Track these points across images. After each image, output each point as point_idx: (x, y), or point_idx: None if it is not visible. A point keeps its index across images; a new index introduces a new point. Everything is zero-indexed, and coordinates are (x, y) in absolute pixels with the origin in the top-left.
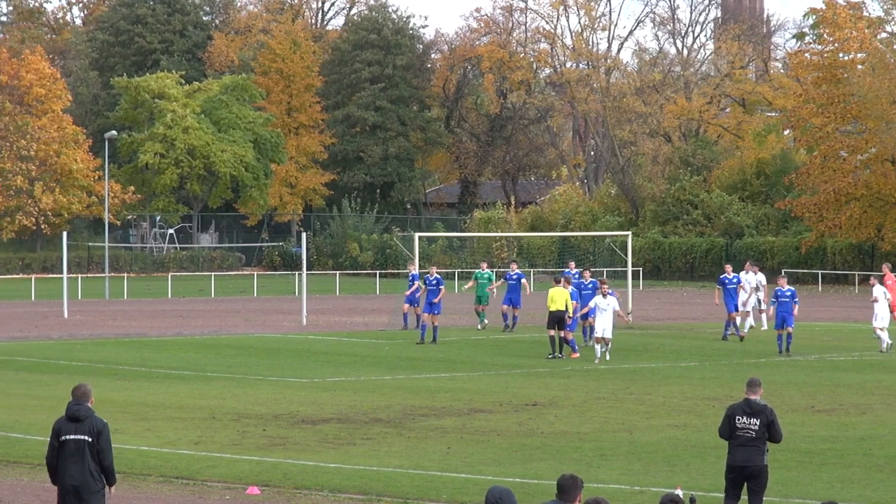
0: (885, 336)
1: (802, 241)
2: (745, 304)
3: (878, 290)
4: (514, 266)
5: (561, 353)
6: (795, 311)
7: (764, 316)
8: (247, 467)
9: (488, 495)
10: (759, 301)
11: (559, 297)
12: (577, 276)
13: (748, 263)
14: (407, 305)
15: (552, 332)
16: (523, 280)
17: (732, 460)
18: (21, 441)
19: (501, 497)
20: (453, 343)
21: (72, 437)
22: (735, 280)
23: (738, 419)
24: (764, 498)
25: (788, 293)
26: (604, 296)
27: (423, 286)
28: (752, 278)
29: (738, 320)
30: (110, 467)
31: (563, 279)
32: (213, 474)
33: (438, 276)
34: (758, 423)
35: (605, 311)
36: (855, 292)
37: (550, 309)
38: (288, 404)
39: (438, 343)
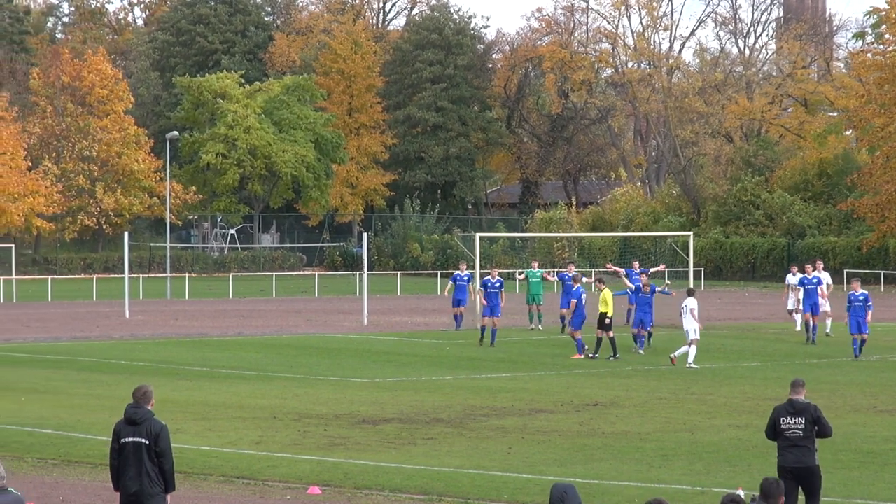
0: None
1: (864, 241)
2: (822, 305)
3: None
4: (571, 267)
5: (617, 354)
6: (868, 317)
7: (799, 316)
8: (307, 467)
9: (552, 492)
10: (797, 301)
11: (609, 300)
12: (637, 274)
13: (818, 262)
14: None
15: (611, 334)
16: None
17: (783, 461)
18: (82, 441)
19: (566, 492)
20: (514, 343)
21: (130, 439)
22: (815, 280)
23: (783, 420)
24: (823, 498)
25: (862, 297)
26: (691, 295)
27: (481, 289)
28: (791, 279)
29: (809, 323)
30: (170, 471)
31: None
32: (273, 474)
33: (500, 279)
34: (803, 422)
35: (687, 312)
36: None
37: (603, 311)
38: (349, 404)
39: (499, 344)
